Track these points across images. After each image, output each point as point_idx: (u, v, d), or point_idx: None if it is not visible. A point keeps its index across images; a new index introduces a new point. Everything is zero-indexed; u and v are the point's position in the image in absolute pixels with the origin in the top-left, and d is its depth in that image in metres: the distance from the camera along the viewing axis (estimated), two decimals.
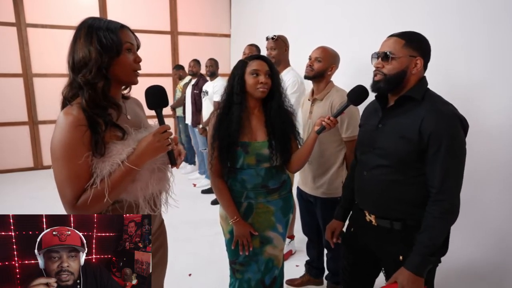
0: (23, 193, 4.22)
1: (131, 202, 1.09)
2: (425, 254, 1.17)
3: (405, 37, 1.24)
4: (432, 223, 1.17)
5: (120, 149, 1.03)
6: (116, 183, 1.01)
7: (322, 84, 1.95)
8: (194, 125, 4.39)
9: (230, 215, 1.57)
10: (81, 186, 0.99)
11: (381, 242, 1.34)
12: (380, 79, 1.26)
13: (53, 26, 4.93)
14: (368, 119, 1.42)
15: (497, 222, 1.80)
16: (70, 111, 0.99)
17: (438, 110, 1.18)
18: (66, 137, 0.97)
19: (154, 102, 1.12)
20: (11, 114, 4.95)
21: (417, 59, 1.22)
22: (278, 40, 2.62)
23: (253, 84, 1.52)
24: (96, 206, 1.00)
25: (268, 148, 1.54)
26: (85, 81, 1.01)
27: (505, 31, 1.72)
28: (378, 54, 1.27)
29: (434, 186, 1.18)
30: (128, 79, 1.11)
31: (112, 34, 1.03)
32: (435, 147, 1.16)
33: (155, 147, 1.04)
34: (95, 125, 1.00)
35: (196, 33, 5.87)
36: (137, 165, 1.02)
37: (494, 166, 1.80)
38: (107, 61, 1.02)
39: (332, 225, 1.58)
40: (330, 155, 1.92)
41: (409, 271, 1.17)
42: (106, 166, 1.00)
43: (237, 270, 1.66)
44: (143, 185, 1.09)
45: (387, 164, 1.27)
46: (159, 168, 1.14)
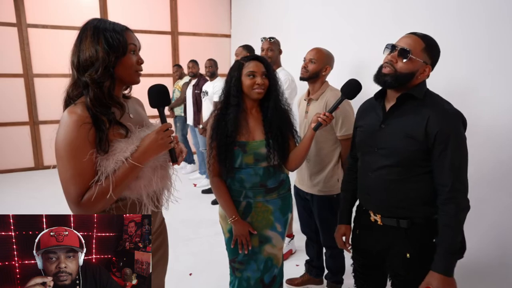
0: (23, 193, 4.22)
1: (134, 199, 1.11)
2: (450, 253, 1.18)
3: (426, 41, 1.21)
4: (450, 222, 1.18)
5: (124, 146, 1.05)
6: (120, 180, 1.03)
7: (317, 85, 1.97)
8: (195, 125, 4.39)
9: (229, 214, 1.58)
10: (86, 183, 1.01)
11: (387, 241, 1.33)
12: (389, 73, 1.23)
13: (54, 27, 4.93)
14: (366, 119, 1.40)
15: (496, 221, 1.80)
16: (75, 110, 1.01)
17: (443, 109, 1.19)
18: (71, 135, 0.99)
19: (158, 101, 1.15)
20: (12, 114, 4.96)
21: (427, 67, 1.22)
22: (275, 42, 2.74)
23: (249, 86, 1.52)
24: (100, 203, 1.01)
25: (265, 147, 1.54)
26: (91, 80, 1.03)
27: (505, 31, 1.72)
28: (396, 47, 1.23)
29: (445, 185, 1.18)
30: (130, 79, 1.13)
31: (118, 35, 1.06)
32: (442, 146, 1.17)
33: (158, 144, 1.07)
34: (100, 123, 1.02)
35: (196, 33, 5.88)
36: (140, 162, 1.05)
37: (494, 165, 1.80)
38: (114, 60, 1.05)
39: (341, 231, 1.55)
40: (326, 154, 1.95)
41: (439, 274, 1.17)
42: (110, 163, 1.02)
43: (236, 268, 1.67)
44: (146, 182, 1.11)
45: (392, 164, 1.26)
46: (161, 166, 1.16)
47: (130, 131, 1.09)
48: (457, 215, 1.17)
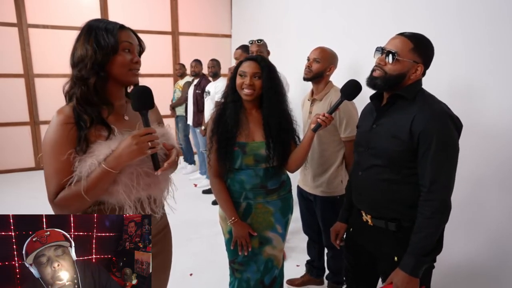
0: (23, 193, 4.22)
1: (114, 204, 1.08)
2: (419, 254, 1.17)
3: (414, 40, 1.21)
4: (424, 224, 1.17)
5: (102, 149, 1.02)
6: (93, 184, 1.00)
7: (321, 85, 1.95)
8: (195, 126, 4.39)
9: (229, 215, 1.57)
10: (62, 183, 1.01)
11: (377, 242, 1.34)
12: (379, 75, 1.24)
13: (55, 27, 4.94)
14: (364, 120, 1.42)
15: (495, 221, 1.80)
16: (63, 110, 1.04)
17: (428, 109, 1.17)
18: (53, 134, 1.02)
19: (139, 103, 1.08)
20: (12, 115, 4.96)
21: (419, 65, 1.21)
22: (263, 44, 2.80)
23: (239, 86, 1.53)
24: (74, 204, 1.02)
25: (265, 149, 1.54)
26: (79, 76, 1.04)
27: (505, 31, 1.71)
28: (383, 50, 1.24)
29: (424, 186, 1.18)
30: (125, 78, 1.11)
31: (109, 33, 1.05)
32: (425, 146, 1.15)
33: (131, 150, 1.00)
34: (81, 122, 1.03)
35: (197, 34, 5.88)
36: (113, 167, 1.00)
37: (493, 165, 1.80)
38: (101, 58, 1.04)
39: (336, 227, 1.58)
40: (329, 155, 1.94)
41: (404, 272, 1.17)
42: (85, 165, 1.01)
43: (236, 269, 1.67)
44: (126, 188, 1.06)
45: (380, 164, 1.27)
46: (146, 173, 1.09)
47: (113, 133, 1.06)
48: (432, 218, 1.16)
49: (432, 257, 1.23)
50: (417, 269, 1.17)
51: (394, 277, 1.19)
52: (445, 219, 1.19)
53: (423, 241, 1.17)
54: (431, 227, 1.17)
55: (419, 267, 1.17)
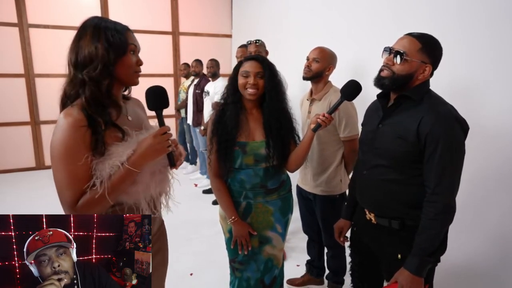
0: (24, 193, 4.23)
1: (131, 204, 1.08)
2: (423, 255, 1.18)
3: (423, 41, 1.21)
4: (428, 225, 1.18)
5: (121, 150, 1.02)
6: (116, 185, 1.00)
7: (320, 85, 1.96)
8: (195, 125, 4.39)
9: (229, 215, 1.58)
10: (81, 188, 0.99)
11: (380, 240, 1.34)
12: (387, 75, 1.24)
13: (55, 27, 4.94)
14: (369, 119, 1.42)
15: (495, 221, 1.80)
16: (71, 112, 0.99)
17: (436, 111, 1.17)
18: (66, 138, 0.97)
19: (155, 103, 1.10)
20: (13, 114, 4.96)
21: (427, 66, 1.21)
22: (261, 44, 2.80)
23: (242, 85, 1.52)
24: (96, 208, 1.00)
25: (265, 148, 1.54)
26: (89, 77, 1.01)
27: (505, 31, 1.71)
28: (392, 50, 1.24)
29: (429, 187, 1.19)
30: (129, 80, 1.11)
31: (119, 34, 1.04)
32: (431, 148, 1.16)
33: (155, 149, 1.03)
34: (95, 124, 1.00)
35: (197, 34, 5.87)
36: (137, 167, 1.01)
37: (494, 165, 1.80)
38: (113, 58, 1.03)
39: (340, 224, 1.58)
40: (329, 154, 1.95)
41: (408, 272, 1.18)
42: (106, 167, 1.00)
43: (236, 268, 1.67)
44: (144, 187, 1.08)
45: (385, 164, 1.27)
46: (160, 170, 1.13)
47: (127, 134, 1.06)
48: (436, 219, 1.16)
49: (437, 257, 1.24)
50: (421, 269, 1.17)
51: (399, 276, 1.20)
52: (449, 221, 1.20)
53: (427, 242, 1.18)
54: (435, 228, 1.17)
55: (424, 267, 1.18)
